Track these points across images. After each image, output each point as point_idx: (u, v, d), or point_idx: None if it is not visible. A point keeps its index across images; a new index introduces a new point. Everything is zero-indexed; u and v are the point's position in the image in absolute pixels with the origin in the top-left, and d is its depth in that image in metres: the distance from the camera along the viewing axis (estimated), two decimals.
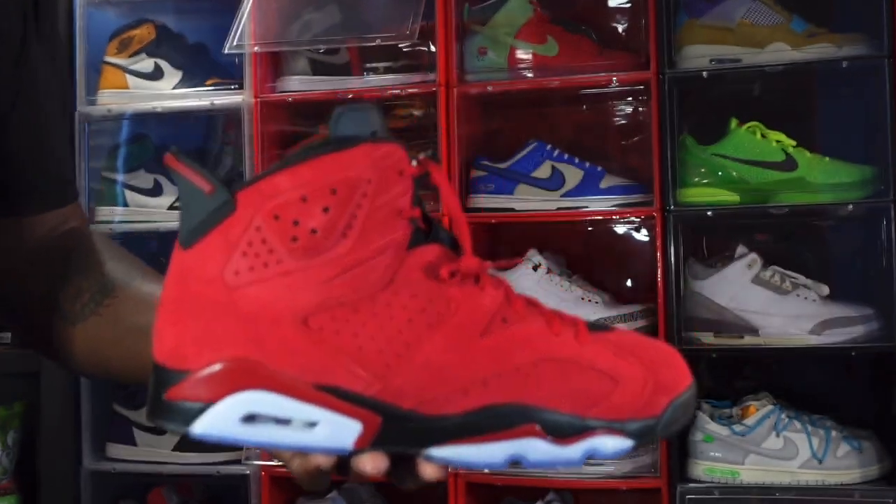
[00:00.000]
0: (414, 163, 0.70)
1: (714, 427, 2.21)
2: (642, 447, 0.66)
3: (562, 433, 0.69)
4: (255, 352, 0.67)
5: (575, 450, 0.70)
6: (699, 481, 2.20)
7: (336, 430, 0.68)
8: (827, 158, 2.26)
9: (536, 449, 0.69)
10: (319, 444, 0.68)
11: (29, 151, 0.94)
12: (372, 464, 0.69)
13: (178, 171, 0.68)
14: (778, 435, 2.18)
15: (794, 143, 2.27)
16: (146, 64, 2.59)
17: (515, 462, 0.70)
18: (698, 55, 2.29)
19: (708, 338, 2.25)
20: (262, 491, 2.42)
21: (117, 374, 0.88)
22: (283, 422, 0.68)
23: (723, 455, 2.20)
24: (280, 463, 0.75)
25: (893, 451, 2.20)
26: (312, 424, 0.68)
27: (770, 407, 2.21)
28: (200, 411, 0.67)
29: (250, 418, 0.67)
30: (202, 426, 0.67)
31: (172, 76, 2.58)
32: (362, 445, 0.68)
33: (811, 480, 2.16)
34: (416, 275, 0.69)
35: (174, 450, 2.52)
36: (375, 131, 0.69)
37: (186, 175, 0.68)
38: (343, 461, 0.71)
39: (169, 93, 2.56)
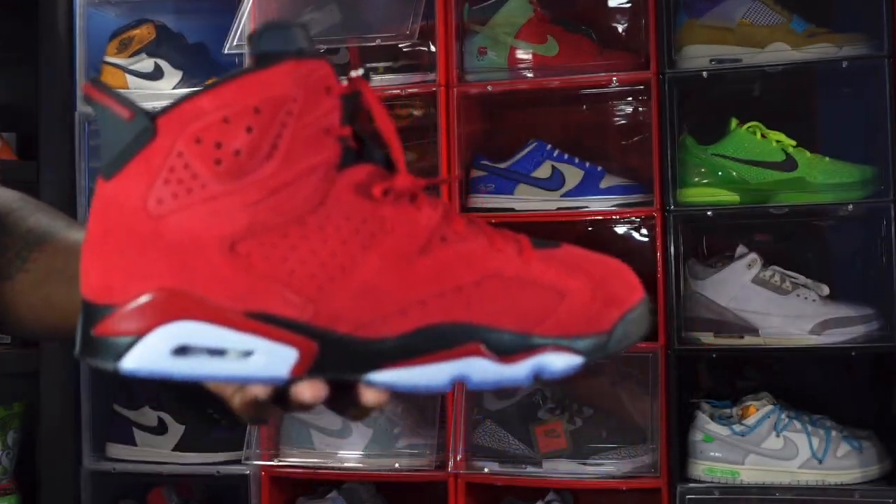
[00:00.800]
0: (343, 80, 0.68)
1: (714, 427, 2.21)
2: (591, 362, 0.63)
3: (506, 351, 0.67)
4: (182, 281, 0.65)
5: (521, 368, 0.67)
6: (699, 481, 2.20)
7: (271, 359, 0.66)
8: (827, 158, 2.26)
9: (480, 368, 0.67)
10: (255, 374, 0.66)
11: None
12: (311, 392, 0.67)
13: (97, 98, 0.66)
14: (778, 435, 2.18)
15: (794, 143, 2.27)
16: (146, 64, 2.59)
17: (460, 381, 0.68)
18: (698, 55, 2.29)
19: (708, 338, 2.25)
20: (261, 491, 2.42)
21: (56, 330, 0.84)
22: (217, 352, 0.65)
23: (723, 455, 2.20)
24: (280, 464, 0.74)
25: (893, 451, 2.21)
26: (247, 354, 0.65)
27: (770, 407, 2.21)
28: (129, 346, 0.65)
29: (182, 350, 0.65)
30: (132, 361, 0.65)
31: (172, 76, 2.58)
32: (299, 373, 0.66)
33: (811, 480, 2.16)
34: (348, 195, 0.67)
35: (174, 450, 2.52)
36: (301, 48, 0.66)
37: (105, 102, 0.66)
38: (282, 393, 0.69)
39: (169, 93, 2.56)
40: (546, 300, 0.68)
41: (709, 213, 2.26)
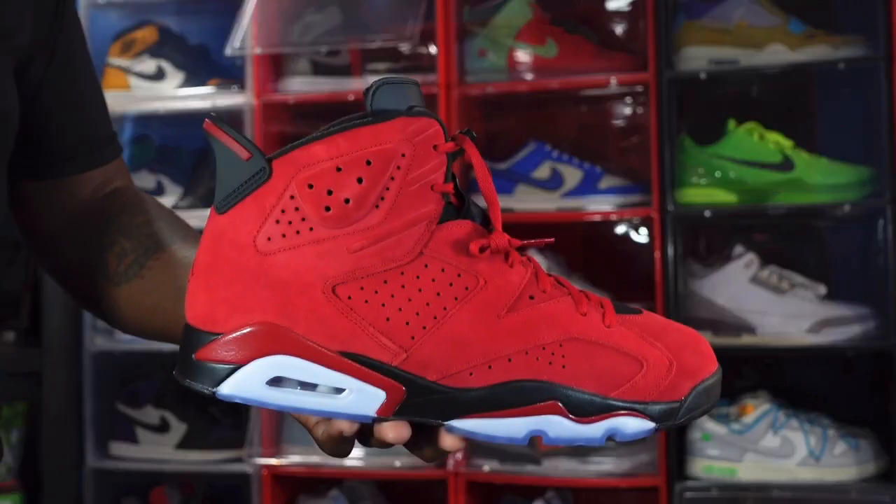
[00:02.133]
0: (449, 139, 0.71)
1: (712, 425, 2.22)
2: (663, 428, 0.67)
3: (583, 412, 0.70)
4: (283, 318, 0.68)
5: (596, 428, 0.70)
6: (697, 479, 2.22)
7: (360, 398, 0.69)
8: (824, 159, 2.27)
9: (557, 425, 0.71)
10: (343, 411, 0.70)
11: (66, 110, 0.96)
12: (394, 432, 0.70)
13: (217, 136, 0.69)
14: (775, 433, 2.20)
15: (791, 143, 2.28)
16: (149, 65, 2.60)
17: (537, 437, 0.71)
18: (697, 56, 2.30)
19: (706, 337, 2.26)
20: (263, 489, 2.44)
21: (162, 336, 0.88)
22: (309, 386, 0.69)
23: (721, 453, 2.21)
24: (281, 462, 0.77)
25: (890, 448, 2.22)
26: (338, 391, 0.69)
27: (767, 405, 2.22)
28: (229, 373, 0.69)
29: (276, 381, 0.69)
30: (229, 387, 0.69)
31: (175, 77, 2.60)
32: (385, 414, 0.69)
33: (808, 478, 2.17)
34: (446, 249, 0.70)
35: (177, 448, 2.53)
36: (413, 106, 0.70)
37: (224, 141, 0.69)
38: (365, 430, 0.72)
39: (171, 94, 2.58)
40: (625, 367, 0.71)
41: (707, 213, 2.27)
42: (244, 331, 0.68)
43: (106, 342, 2.56)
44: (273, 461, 2.43)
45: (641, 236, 2.55)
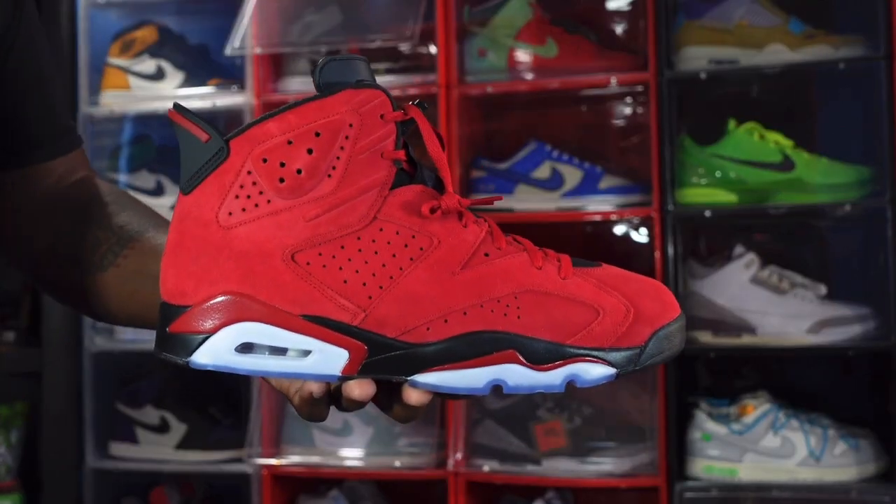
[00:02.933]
0: (397, 108, 0.74)
1: (712, 426, 2.22)
2: (626, 375, 0.68)
3: (541, 359, 0.73)
4: (247, 286, 0.72)
5: (555, 375, 0.73)
6: (697, 480, 2.22)
7: (325, 359, 0.73)
8: (824, 159, 2.27)
9: (516, 374, 0.73)
10: (310, 372, 0.73)
11: (28, 100, 0.97)
12: (359, 390, 0.73)
13: (178, 122, 0.73)
14: (775, 433, 2.20)
15: (791, 143, 2.28)
16: (148, 65, 2.60)
17: (497, 386, 0.73)
18: (697, 56, 2.30)
19: (706, 337, 2.27)
20: (263, 489, 2.44)
21: (140, 320, 0.91)
22: (278, 351, 0.73)
23: (721, 453, 2.21)
24: (281, 462, 0.78)
25: (890, 449, 2.22)
26: (305, 353, 0.73)
27: (768, 406, 2.22)
28: (200, 342, 0.73)
29: (246, 348, 0.73)
30: (202, 356, 0.73)
31: (174, 77, 2.59)
32: (350, 372, 0.73)
33: (808, 478, 2.17)
34: (399, 213, 0.73)
35: (177, 448, 2.53)
36: (361, 79, 0.73)
37: (186, 126, 0.73)
38: (336, 394, 0.76)
39: (171, 94, 2.57)
40: (581, 315, 0.73)
41: (707, 213, 2.27)
42: (212, 301, 0.72)
43: (106, 342, 2.56)
44: (273, 461, 2.42)
45: (641, 236, 2.54)
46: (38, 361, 2.55)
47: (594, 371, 0.73)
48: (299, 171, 0.72)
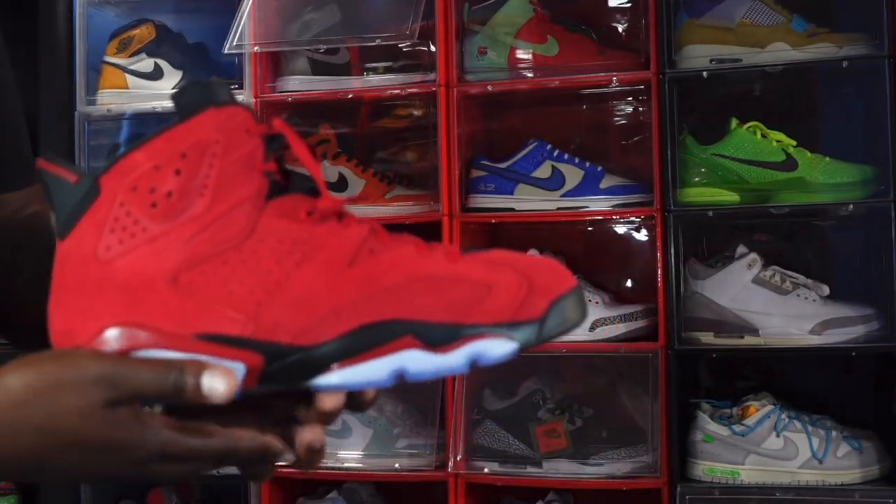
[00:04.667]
0: (260, 122, 0.74)
1: (714, 427, 2.21)
2: (525, 349, 0.68)
3: (438, 341, 0.71)
4: (134, 316, 0.71)
5: (456, 356, 0.71)
6: (699, 481, 2.20)
7: None
8: (827, 158, 2.26)
9: (416, 359, 0.71)
10: None
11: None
12: (331, 401, 0.72)
13: (47, 169, 0.73)
14: (778, 435, 2.18)
15: (794, 142, 2.27)
16: (146, 64, 2.59)
17: (400, 375, 0.72)
18: (698, 55, 2.29)
19: (708, 338, 2.25)
20: (261, 491, 2.42)
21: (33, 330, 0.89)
22: None
23: (723, 455, 2.20)
24: (281, 463, 0.76)
25: (894, 450, 2.21)
26: None
27: (770, 407, 2.21)
28: None
29: None
30: None
31: (172, 76, 2.58)
32: (249, 385, 0.71)
33: (811, 480, 2.16)
34: (278, 221, 0.73)
35: None
36: (221, 100, 0.74)
37: (54, 171, 0.73)
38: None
39: (169, 93, 2.54)
40: (473, 293, 0.72)
41: (709, 212, 2.26)
42: (100, 337, 0.71)
43: None
44: (255, 473, 2.41)
45: (642, 236, 2.53)
46: None
47: (496, 347, 0.71)
48: (170, 194, 0.71)
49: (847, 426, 2.22)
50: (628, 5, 2.55)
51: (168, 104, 2.51)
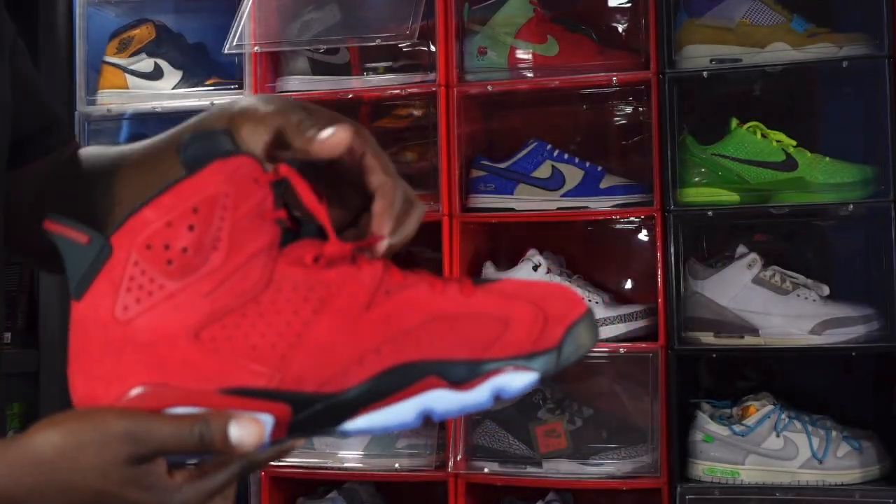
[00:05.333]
0: (269, 169, 0.75)
1: (714, 427, 2.20)
2: (547, 377, 0.70)
3: (462, 379, 0.72)
4: (158, 375, 0.71)
5: (480, 392, 0.72)
6: (699, 481, 2.20)
7: None
8: (827, 158, 2.26)
9: (441, 399, 0.72)
10: None
11: (33, 97, 1.04)
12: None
13: (56, 231, 0.73)
14: (778, 435, 2.18)
15: (794, 142, 2.27)
16: (146, 64, 2.59)
17: (427, 416, 0.72)
18: (698, 55, 2.29)
19: (708, 338, 2.25)
20: (261, 491, 2.42)
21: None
22: None
23: (723, 455, 2.19)
24: (279, 464, 0.77)
25: (894, 451, 2.20)
26: None
27: (770, 407, 2.21)
28: None
29: None
30: None
31: (172, 76, 2.58)
32: (279, 436, 0.72)
33: (811, 480, 2.16)
34: (292, 270, 0.73)
35: None
36: (227, 150, 0.74)
37: (64, 233, 0.72)
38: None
39: (169, 93, 2.56)
40: (491, 328, 0.72)
41: (709, 213, 2.26)
42: (125, 398, 0.71)
43: None
44: (271, 463, 2.41)
45: (643, 236, 2.53)
46: (34, 362, 2.53)
47: (517, 380, 0.72)
48: (185, 250, 0.71)
49: (847, 426, 2.22)
50: (628, 5, 2.55)
51: (166, 104, 2.53)
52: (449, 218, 2.35)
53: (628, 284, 2.55)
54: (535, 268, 2.36)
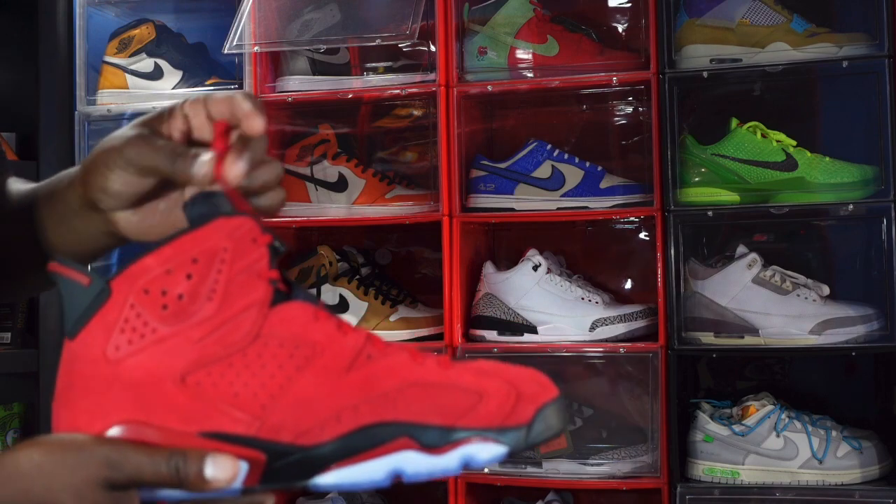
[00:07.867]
0: (266, 232, 0.79)
1: (714, 427, 2.20)
2: (514, 454, 0.72)
3: (433, 444, 0.74)
4: (140, 413, 0.73)
5: (450, 458, 0.74)
6: (699, 481, 2.20)
7: None
8: (827, 158, 2.26)
9: (412, 461, 0.75)
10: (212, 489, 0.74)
11: None
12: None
13: (59, 272, 0.76)
14: (778, 435, 2.18)
15: (794, 142, 2.27)
16: (146, 64, 2.59)
17: (397, 476, 0.75)
18: (698, 55, 2.29)
19: (708, 338, 2.25)
20: None
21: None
22: None
23: (723, 455, 2.19)
24: None
25: (894, 450, 2.20)
26: None
27: (770, 407, 2.21)
28: None
29: None
30: None
31: (172, 76, 2.58)
32: (252, 483, 0.74)
33: (811, 480, 2.16)
34: (280, 327, 0.76)
35: None
36: (229, 210, 0.77)
37: (67, 274, 0.76)
38: None
39: (169, 93, 2.56)
40: (465, 399, 0.75)
41: (709, 213, 2.26)
42: (105, 434, 0.73)
43: None
44: None
45: (643, 236, 2.53)
46: (34, 362, 2.53)
47: (486, 451, 0.74)
48: (181, 297, 0.74)
49: (847, 426, 2.22)
50: (628, 5, 2.55)
51: (167, 104, 2.52)
52: (449, 218, 2.35)
53: (628, 284, 2.55)
54: (535, 268, 2.36)
